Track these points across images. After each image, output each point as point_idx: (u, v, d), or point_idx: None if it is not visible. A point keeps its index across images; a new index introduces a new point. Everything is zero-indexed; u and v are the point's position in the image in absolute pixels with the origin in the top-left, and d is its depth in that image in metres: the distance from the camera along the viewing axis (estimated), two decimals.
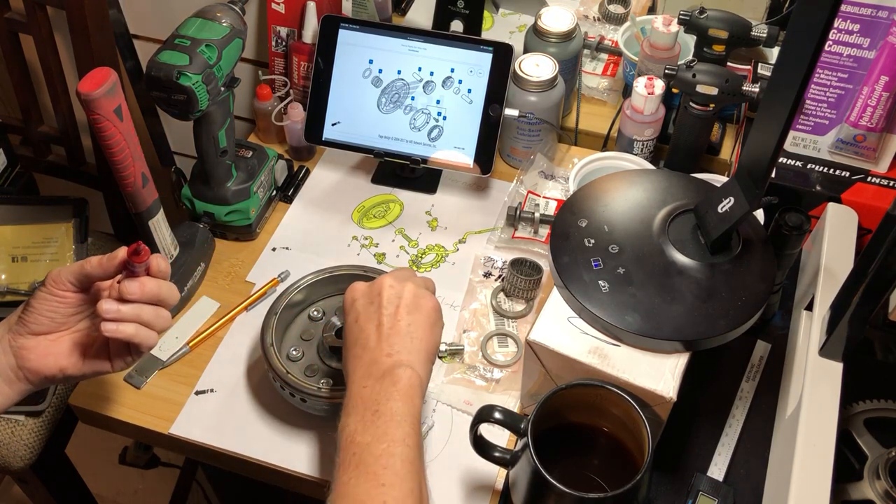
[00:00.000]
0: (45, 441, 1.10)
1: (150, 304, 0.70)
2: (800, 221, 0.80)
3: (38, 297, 0.70)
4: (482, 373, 0.88)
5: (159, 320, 0.71)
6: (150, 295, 0.69)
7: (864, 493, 0.74)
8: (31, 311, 0.70)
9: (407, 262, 0.99)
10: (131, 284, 0.68)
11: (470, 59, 1.01)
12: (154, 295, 0.70)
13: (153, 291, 0.70)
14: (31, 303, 0.71)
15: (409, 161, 1.03)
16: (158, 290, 0.70)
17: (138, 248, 0.68)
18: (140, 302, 0.69)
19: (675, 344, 0.73)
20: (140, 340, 0.70)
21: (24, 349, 0.71)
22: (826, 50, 0.88)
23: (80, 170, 1.38)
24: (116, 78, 0.79)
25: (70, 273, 0.70)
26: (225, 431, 0.84)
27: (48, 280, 0.70)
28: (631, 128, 1.00)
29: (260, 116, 1.12)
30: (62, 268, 0.70)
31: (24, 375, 0.72)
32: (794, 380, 0.79)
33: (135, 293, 0.68)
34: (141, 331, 0.70)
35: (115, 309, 0.68)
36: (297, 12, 1.11)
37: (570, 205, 0.83)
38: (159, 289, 0.70)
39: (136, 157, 0.84)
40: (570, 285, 0.76)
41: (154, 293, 0.70)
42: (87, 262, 0.70)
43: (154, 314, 0.70)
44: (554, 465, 0.67)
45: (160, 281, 0.70)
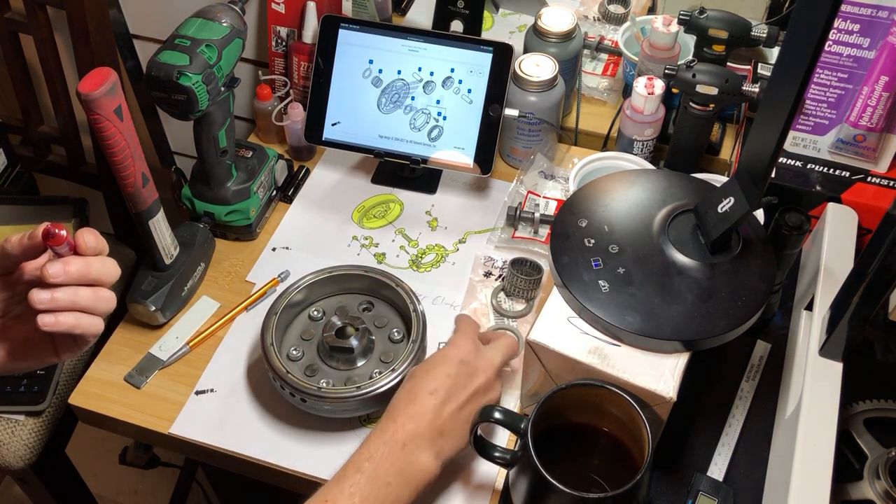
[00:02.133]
0: (45, 441, 1.10)
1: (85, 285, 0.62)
2: (800, 221, 0.80)
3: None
4: None
5: (100, 303, 0.63)
6: (79, 276, 0.61)
7: (864, 493, 0.74)
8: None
9: (407, 262, 0.99)
10: (53, 266, 0.60)
11: (470, 59, 1.01)
12: (83, 275, 0.62)
13: (81, 271, 0.61)
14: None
15: (409, 161, 1.03)
16: (87, 269, 0.62)
17: (49, 231, 0.60)
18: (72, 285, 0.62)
19: (675, 344, 0.73)
20: (83, 330, 0.63)
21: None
22: (826, 50, 0.88)
23: (80, 170, 1.38)
24: (116, 78, 0.79)
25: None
26: (225, 431, 0.84)
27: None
28: (631, 128, 1.00)
29: (260, 116, 1.12)
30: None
31: None
32: (794, 380, 0.80)
33: (59, 276, 0.60)
34: (82, 319, 0.62)
35: (49, 298, 0.61)
36: (297, 12, 1.11)
37: (570, 205, 0.83)
38: (88, 267, 0.62)
39: (136, 157, 0.84)
40: (570, 285, 0.76)
41: (83, 273, 0.61)
42: (6, 241, 0.63)
43: (93, 297, 0.63)
44: (554, 465, 0.67)
45: (88, 259, 0.62)
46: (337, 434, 0.84)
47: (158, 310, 0.90)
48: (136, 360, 0.90)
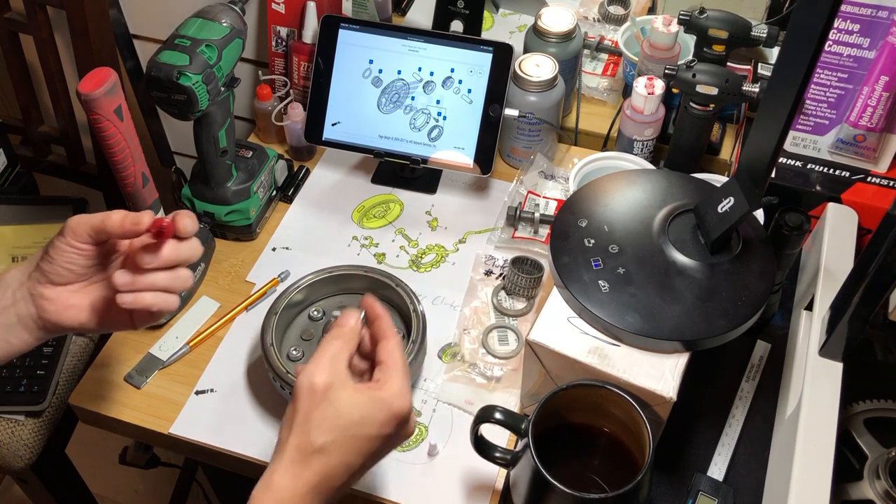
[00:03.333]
0: (45, 441, 1.10)
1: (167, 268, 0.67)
2: (800, 221, 0.80)
3: (56, 247, 0.67)
4: (482, 370, 0.88)
5: (177, 282, 0.68)
6: (167, 262, 0.66)
7: (864, 493, 0.74)
8: (49, 260, 0.67)
9: (407, 262, 0.99)
10: (147, 257, 0.65)
11: (470, 59, 1.01)
12: (171, 261, 0.66)
13: (170, 258, 0.66)
14: (50, 252, 0.67)
15: (409, 161, 1.03)
16: (177, 255, 0.67)
17: (161, 229, 0.65)
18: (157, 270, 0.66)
19: (675, 344, 0.73)
20: (159, 308, 0.67)
21: (44, 299, 0.68)
22: (826, 50, 0.88)
23: (80, 170, 1.38)
24: (116, 78, 0.79)
25: (89, 226, 0.66)
26: (225, 431, 0.84)
27: (66, 230, 0.66)
28: (631, 128, 1.00)
29: (260, 116, 1.12)
30: (81, 217, 0.66)
31: (44, 325, 0.69)
32: (794, 380, 0.80)
33: (152, 264, 0.66)
34: (159, 297, 0.67)
35: (130, 282, 0.65)
36: (297, 12, 1.11)
37: (570, 205, 0.83)
38: (177, 253, 0.67)
39: (136, 157, 0.84)
40: (570, 285, 0.76)
41: (171, 259, 0.66)
42: (108, 218, 0.66)
43: (171, 278, 0.67)
44: (554, 465, 0.67)
45: (180, 246, 0.67)
46: None
47: None
48: (136, 360, 0.90)
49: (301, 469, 0.60)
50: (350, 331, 0.65)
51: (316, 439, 0.60)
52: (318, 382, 0.61)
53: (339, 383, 0.62)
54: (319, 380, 0.61)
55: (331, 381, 0.61)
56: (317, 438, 0.60)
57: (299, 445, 0.60)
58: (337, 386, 0.61)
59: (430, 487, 0.80)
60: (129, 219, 0.65)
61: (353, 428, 0.61)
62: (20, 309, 0.68)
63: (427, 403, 0.86)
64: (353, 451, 0.61)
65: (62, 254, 0.67)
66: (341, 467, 0.61)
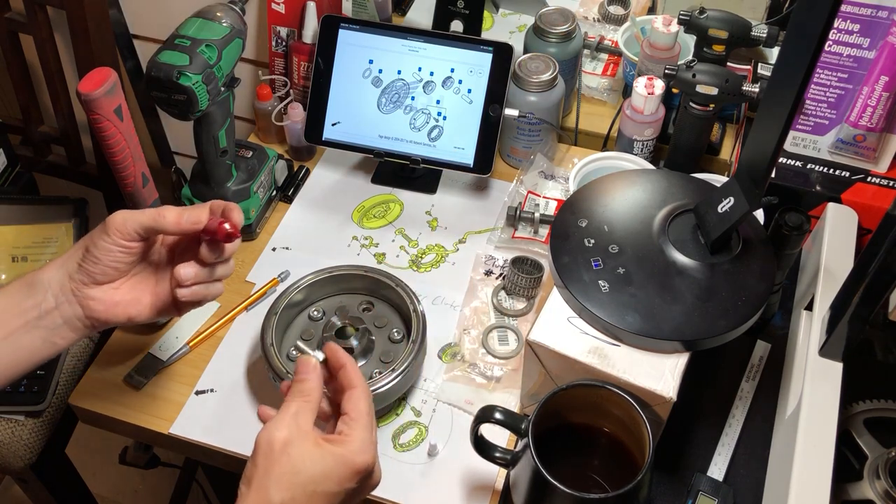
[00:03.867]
0: (45, 441, 1.10)
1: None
2: (800, 221, 0.80)
3: (101, 247, 0.67)
4: (482, 370, 0.88)
5: (227, 271, 0.71)
6: (229, 256, 0.70)
7: (864, 493, 0.74)
8: (94, 261, 0.67)
9: (407, 262, 0.99)
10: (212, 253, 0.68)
11: (470, 59, 1.01)
12: (230, 255, 0.70)
13: (231, 252, 0.70)
14: (94, 252, 0.67)
15: (409, 161, 1.03)
16: (234, 249, 0.70)
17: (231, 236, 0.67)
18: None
19: (675, 344, 0.73)
20: (212, 297, 0.71)
21: (91, 300, 0.68)
22: (826, 50, 0.88)
23: (80, 170, 1.38)
24: (116, 78, 0.79)
25: (139, 225, 0.67)
26: (225, 431, 0.84)
27: (112, 229, 0.66)
28: (631, 128, 1.00)
29: (260, 116, 1.12)
30: (126, 215, 0.67)
31: (91, 323, 0.69)
32: (794, 380, 0.80)
33: (217, 259, 0.69)
34: (211, 288, 0.70)
35: (193, 274, 0.68)
36: (297, 12, 1.11)
37: (570, 205, 0.83)
38: (234, 248, 0.70)
39: (136, 157, 0.84)
40: (570, 285, 0.76)
41: (231, 253, 0.70)
42: (160, 216, 0.67)
43: (226, 270, 0.71)
44: (554, 465, 0.67)
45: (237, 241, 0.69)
46: None
47: None
48: (136, 360, 0.90)
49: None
50: (311, 388, 0.63)
51: (273, 496, 0.58)
52: (276, 438, 0.59)
53: (298, 439, 0.60)
54: (279, 435, 0.59)
55: (290, 436, 0.60)
56: (274, 495, 0.58)
57: (258, 502, 0.58)
58: (296, 441, 0.60)
59: (430, 487, 0.80)
60: (186, 218, 0.67)
61: (312, 484, 0.59)
62: (65, 311, 0.68)
63: (427, 403, 0.86)
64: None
65: (108, 253, 0.67)
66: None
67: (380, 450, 0.82)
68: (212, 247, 0.68)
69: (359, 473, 0.61)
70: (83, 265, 0.67)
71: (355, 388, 0.64)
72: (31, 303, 0.67)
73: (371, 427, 0.63)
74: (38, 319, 0.67)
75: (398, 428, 0.84)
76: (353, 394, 0.64)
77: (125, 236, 0.67)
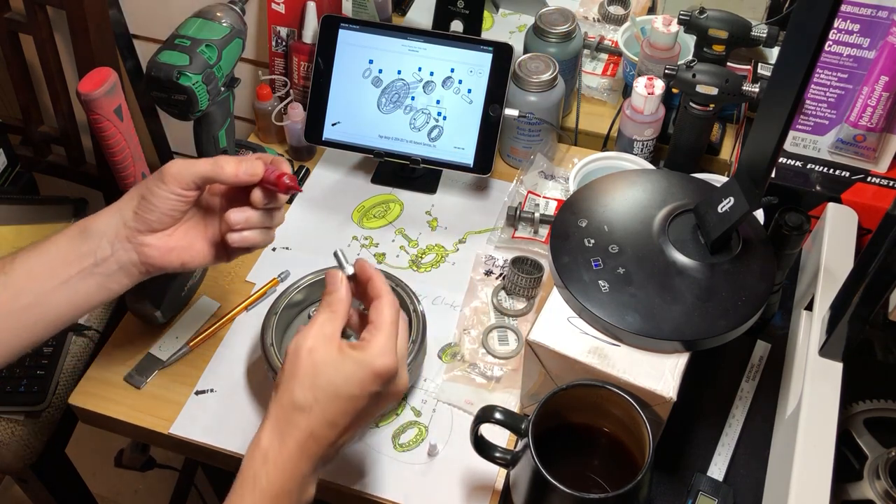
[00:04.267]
0: (45, 441, 1.10)
1: None
2: (800, 221, 0.80)
3: (159, 195, 0.68)
4: (482, 370, 0.88)
5: (278, 219, 0.73)
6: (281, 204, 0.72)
7: (864, 493, 0.74)
8: (150, 209, 0.69)
9: (407, 262, 0.99)
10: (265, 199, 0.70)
11: (470, 59, 1.01)
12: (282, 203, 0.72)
13: (283, 201, 0.72)
14: (150, 200, 0.69)
15: (409, 161, 1.03)
16: (284, 201, 0.73)
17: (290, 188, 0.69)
18: None
19: (675, 344, 0.73)
20: (263, 244, 0.73)
21: (146, 246, 0.70)
22: (826, 50, 0.88)
23: (80, 170, 1.38)
24: (116, 78, 0.79)
25: (196, 175, 0.69)
26: (225, 431, 0.84)
27: (169, 178, 0.68)
28: (631, 128, 1.00)
29: (260, 116, 1.12)
30: (182, 165, 0.68)
31: (146, 269, 0.71)
32: (794, 380, 0.80)
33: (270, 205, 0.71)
34: (263, 234, 0.72)
35: (244, 219, 0.70)
36: (297, 12, 1.11)
37: (570, 205, 0.83)
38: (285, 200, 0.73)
39: (136, 157, 0.85)
40: (570, 285, 0.76)
41: (283, 202, 0.72)
42: (219, 167, 0.69)
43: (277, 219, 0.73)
44: (554, 465, 0.67)
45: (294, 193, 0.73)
46: None
47: (158, 310, 0.90)
48: (136, 360, 0.90)
49: (285, 426, 0.61)
50: (337, 299, 0.66)
51: (297, 398, 0.61)
52: (303, 346, 0.63)
53: (322, 346, 0.63)
54: (305, 343, 0.63)
55: (314, 344, 0.63)
56: (298, 397, 0.62)
57: (282, 404, 0.62)
58: (320, 348, 0.63)
59: (430, 487, 0.80)
60: (244, 170, 0.69)
61: (333, 387, 0.62)
62: (120, 257, 0.70)
63: (427, 403, 0.86)
64: (337, 411, 0.62)
65: (165, 201, 0.69)
66: (325, 426, 0.62)
67: (380, 450, 0.82)
68: (265, 193, 0.70)
69: (379, 377, 0.63)
70: (139, 213, 0.69)
71: (380, 297, 0.66)
72: (85, 249, 0.69)
73: (394, 335, 0.65)
74: (94, 266, 0.69)
75: (398, 428, 0.84)
76: (378, 303, 0.66)
77: (182, 185, 0.69)
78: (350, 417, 0.63)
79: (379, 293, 0.67)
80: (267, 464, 0.61)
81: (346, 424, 0.63)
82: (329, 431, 0.62)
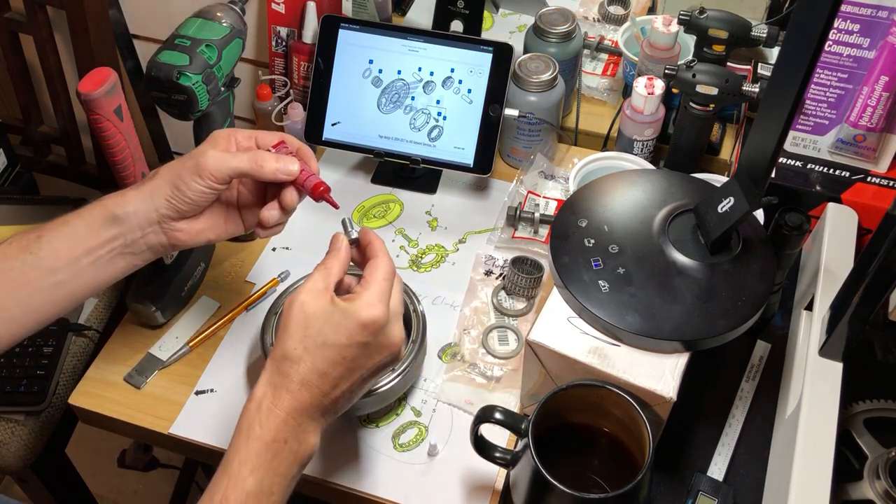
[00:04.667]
0: (45, 441, 1.10)
1: None
2: (800, 221, 0.80)
3: (195, 189, 0.70)
4: (482, 370, 0.88)
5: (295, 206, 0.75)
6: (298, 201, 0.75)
7: (864, 493, 0.74)
8: (185, 200, 0.71)
9: (407, 262, 0.99)
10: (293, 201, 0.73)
11: (470, 59, 1.01)
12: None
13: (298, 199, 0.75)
14: (185, 192, 0.70)
15: (409, 161, 1.03)
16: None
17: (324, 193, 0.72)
18: None
19: (675, 344, 0.73)
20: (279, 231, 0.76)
21: (177, 231, 0.73)
22: (826, 50, 0.88)
23: (80, 170, 1.38)
24: (116, 78, 0.79)
25: (235, 170, 0.71)
26: (225, 431, 0.84)
27: (206, 173, 0.70)
28: (631, 128, 1.00)
29: (260, 116, 1.12)
30: (220, 159, 0.70)
31: (174, 248, 0.74)
32: (794, 380, 0.80)
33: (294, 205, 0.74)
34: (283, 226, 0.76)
35: (277, 217, 0.73)
36: (297, 12, 1.11)
37: (570, 205, 0.83)
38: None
39: (136, 157, 0.85)
40: (570, 285, 0.76)
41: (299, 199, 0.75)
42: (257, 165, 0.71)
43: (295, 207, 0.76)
44: (554, 465, 0.67)
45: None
46: (336, 434, 0.84)
47: (158, 310, 0.90)
48: (136, 360, 0.90)
49: (277, 377, 0.63)
50: (333, 259, 0.69)
51: (288, 347, 0.64)
52: (296, 300, 0.65)
53: (313, 299, 0.65)
54: (298, 297, 0.65)
55: (306, 298, 0.65)
56: (289, 346, 0.64)
57: (275, 357, 0.64)
58: (310, 301, 0.65)
59: (430, 487, 0.80)
60: (281, 168, 0.71)
61: (321, 336, 0.64)
62: (150, 240, 0.72)
63: (427, 403, 0.86)
64: (326, 360, 0.64)
65: (201, 194, 0.71)
66: (316, 375, 0.63)
67: (380, 449, 0.82)
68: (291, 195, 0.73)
69: (366, 327, 0.64)
70: (174, 203, 0.71)
71: (376, 257, 0.69)
72: (114, 233, 0.71)
73: (386, 290, 0.67)
74: (124, 247, 0.72)
75: (398, 428, 0.84)
76: (373, 262, 0.69)
77: (219, 180, 0.71)
78: (341, 368, 0.64)
79: (375, 253, 0.70)
80: (260, 412, 0.62)
81: (338, 375, 0.64)
82: (320, 381, 0.64)
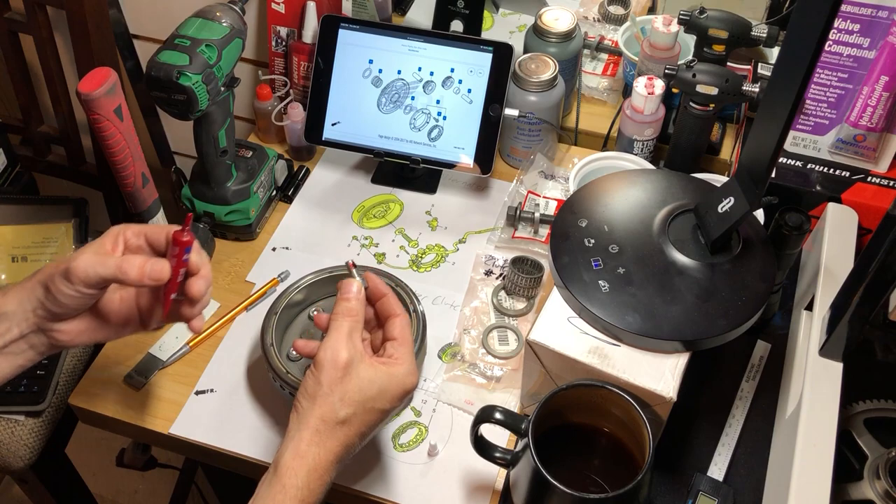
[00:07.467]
0: (45, 441, 1.10)
1: None
2: (800, 221, 0.80)
3: (64, 293, 0.65)
4: (482, 370, 0.88)
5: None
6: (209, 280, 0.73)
7: (864, 493, 0.74)
8: (56, 304, 0.66)
9: (407, 262, 0.99)
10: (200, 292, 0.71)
11: (470, 59, 1.01)
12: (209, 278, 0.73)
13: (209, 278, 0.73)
14: (56, 297, 0.66)
15: (409, 161, 1.03)
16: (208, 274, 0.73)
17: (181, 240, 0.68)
18: None
19: (675, 344, 0.73)
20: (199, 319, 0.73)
21: (56, 331, 0.68)
22: (826, 50, 0.88)
23: (80, 170, 1.38)
24: (116, 78, 0.79)
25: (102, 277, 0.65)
26: (225, 431, 0.84)
27: (73, 276, 0.64)
28: (631, 128, 1.00)
29: (260, 116, 1.12)
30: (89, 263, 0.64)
31: (54, 348, 0.70)
32: (794, 380, 0.80)
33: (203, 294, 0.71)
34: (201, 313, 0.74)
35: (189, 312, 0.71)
36: (297, 12, 1.11)
37: (570, 205, 0.83)
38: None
39: (136, 157, 0.85)
40: (570, 285, 0.76)
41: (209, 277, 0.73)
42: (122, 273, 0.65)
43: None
44: (554, 465, 0.67)
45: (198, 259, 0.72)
46: None
47: None
48: (136, 360, 0.90)
49: (326, 439, 0.65)
50: (357, 308, 0.69)
51: (339, 411, 0.65)
52: (341, 358, 0.66)
53: (358, 359, 0.67)
54: (343, 356, 0.66)
55: (351, 357, 0.66)
56: (340, 411, 0.65)
57: (324, 417, 0.65)
58: (356, 361, 0.67)
59: (430, 487, 0.80)
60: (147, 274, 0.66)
61: (371, 402, 0.66)
62: (31, 340, 0.69)
63: (427, 403, 0.86)
64: (369, 423, 0.67)
65: (71, 299, 0.66)
66: (358, 437, 0.67)
67: (380, 450, 0.82)
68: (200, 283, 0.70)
69: (407, 393, 0.68)
70: (46, 305, 0.67)
71: (399, 315, 0.71)
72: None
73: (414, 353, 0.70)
74: (3, 348, 0.68)
75: (398, 428, 0.84)
76: (399, 321, 0.71)
77: (88, 285, 0.65)
78: (375, 427, 0.68)
79: (396, 311, 0.71)
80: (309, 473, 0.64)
81: (370, 434, 0.68)
82: (358, 442, 0.67)
